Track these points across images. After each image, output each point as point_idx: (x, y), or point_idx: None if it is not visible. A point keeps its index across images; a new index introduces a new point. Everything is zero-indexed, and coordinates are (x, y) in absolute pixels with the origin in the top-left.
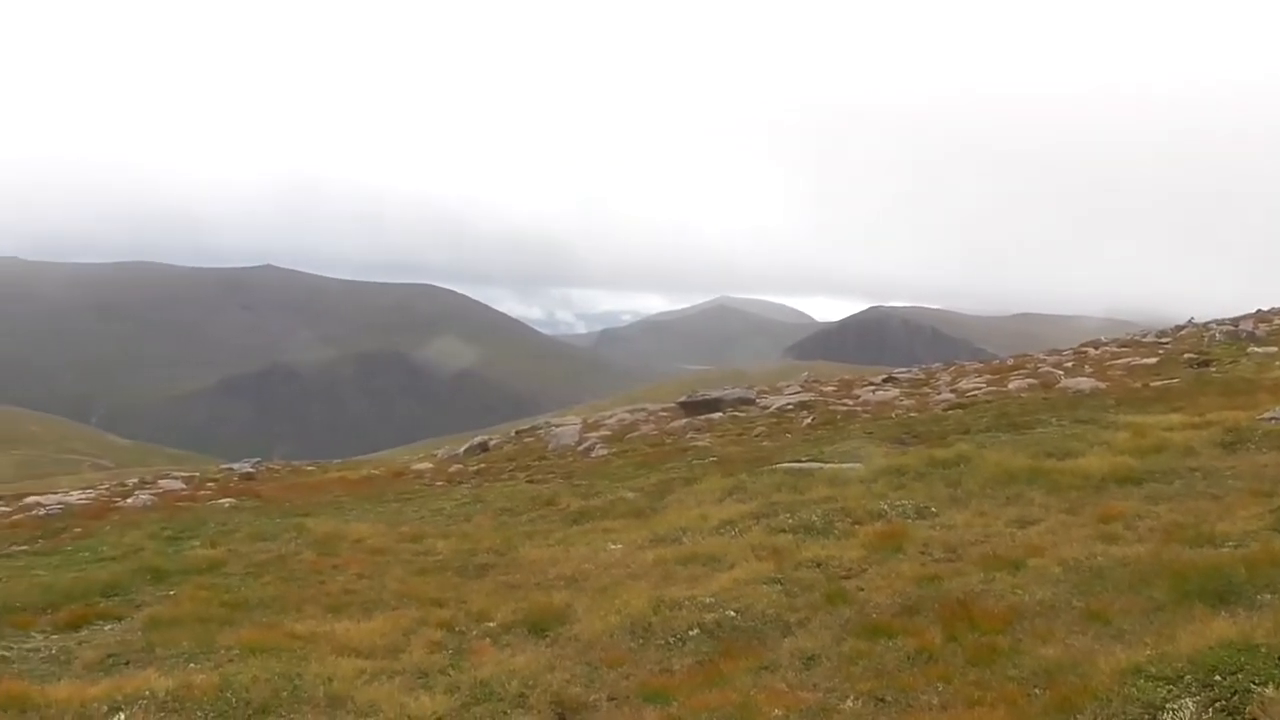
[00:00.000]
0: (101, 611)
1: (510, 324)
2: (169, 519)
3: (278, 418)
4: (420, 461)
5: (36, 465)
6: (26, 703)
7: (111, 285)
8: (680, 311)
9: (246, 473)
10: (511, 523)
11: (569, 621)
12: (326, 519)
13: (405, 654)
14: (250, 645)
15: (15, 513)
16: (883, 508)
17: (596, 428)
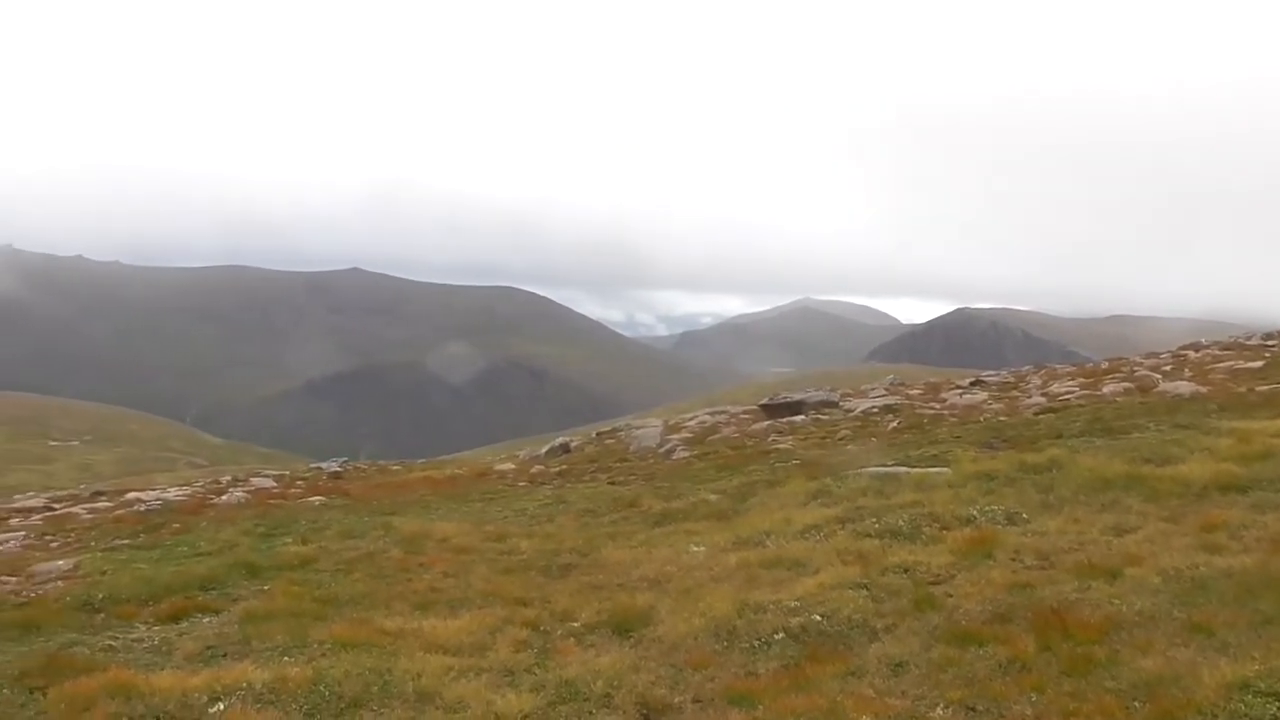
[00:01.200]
0: (200, 604)
1: (591, 326)
2: (262, 516)
3: (363, 418)
4: (502, 462)
5: (136, 462)
6: (132, 690)
7: (206, 289)
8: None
9: (334, 471)
10: (594, 524)
11: (652, 623)
12: (413, 518)
13: (491, 652)
14: (341, 640)
15: (118, 508)
16: (971, 513)
17: (677, 430)
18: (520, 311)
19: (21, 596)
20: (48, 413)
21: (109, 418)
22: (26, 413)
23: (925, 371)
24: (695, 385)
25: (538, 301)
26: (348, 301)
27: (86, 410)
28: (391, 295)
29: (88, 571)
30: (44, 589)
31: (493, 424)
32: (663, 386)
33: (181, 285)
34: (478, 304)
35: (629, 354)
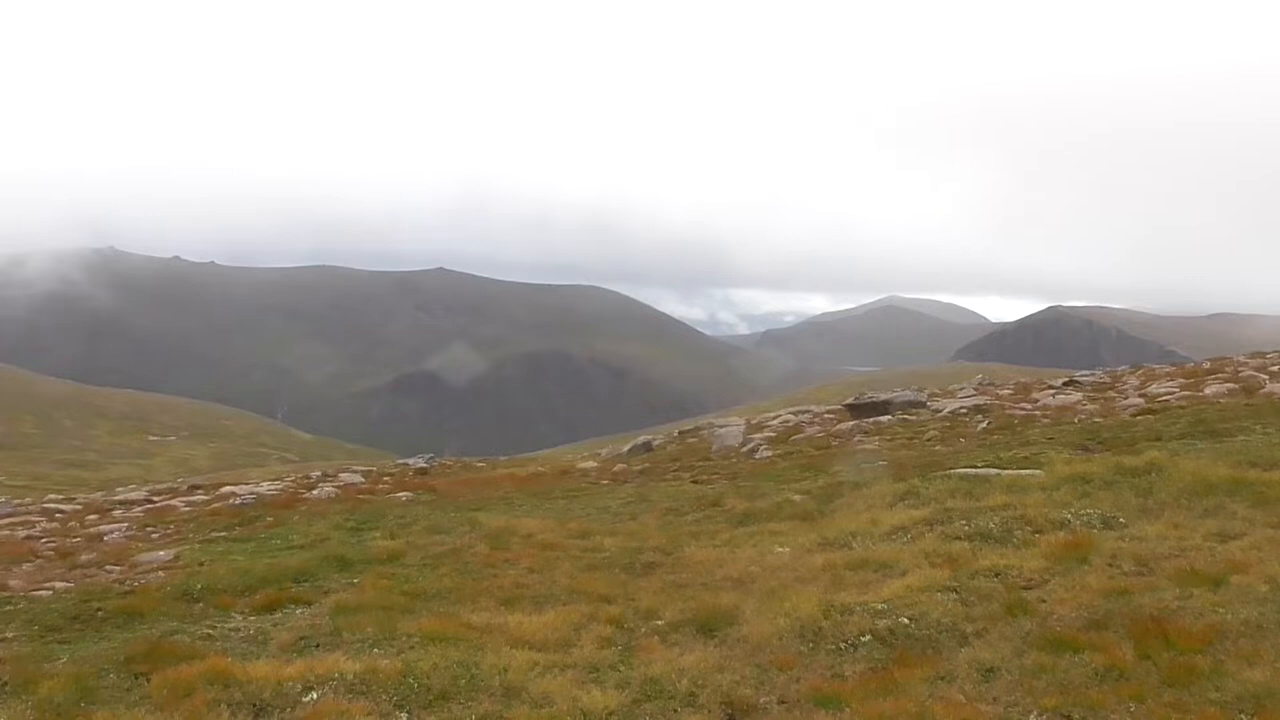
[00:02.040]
0: (293, 596)
1: (672, 324)
2: (351, 511)
3: (448, 414)
4: (585, 460)
5: (229, 457)
6: (230, 678)
7: (297, 288)
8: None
9: (421, 468)
10: (677, 522)
11: (737, 623)
12: (498, 514)
13: (576, 648)
14: (429, 634)
15: (213, 501)
16: (1066, 517)
17: (760, 429)
18: (603, 310)
19: (126, 585)
20: (147, 409)
21: (204, 414)
22: (128, 409)
23: (1015, 371)
24: (777, 384)
25: (620, 300)
26: (434, 300)
27: (183, 407)
28: (476, 294)
29: (187, 562)
30: (146, 578)
31: (575, 422)
32: (744, 385)
33: (274, 285)
34: (561, 303)
35: (711, 352)
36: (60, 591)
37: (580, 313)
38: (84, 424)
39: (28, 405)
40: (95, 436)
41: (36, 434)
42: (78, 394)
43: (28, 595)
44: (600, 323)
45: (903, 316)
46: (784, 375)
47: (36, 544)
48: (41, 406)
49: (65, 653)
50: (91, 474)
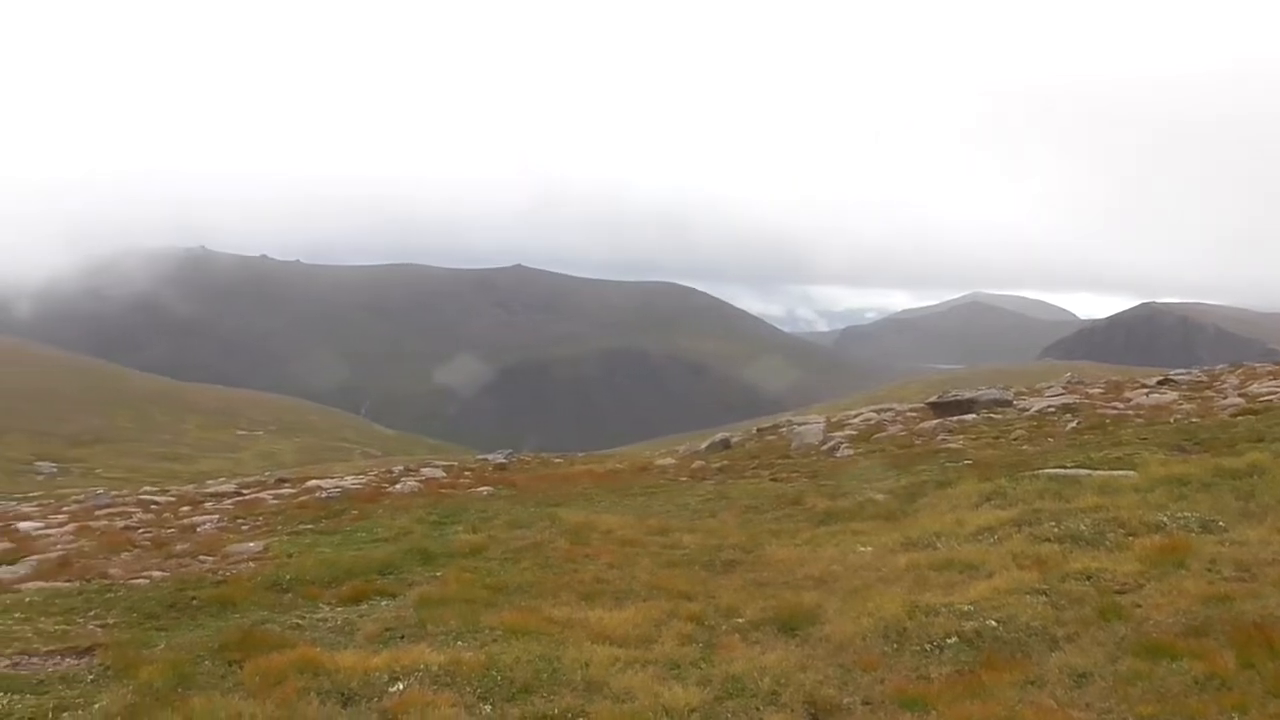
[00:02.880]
0: (378, 588)
1: (750, 321)
2: (434, 505)
3: (526, 411)
4: (663, 457)
5: (314, 451)
6: (319, 668)
7: (379, 286)
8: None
9: (500, 463)
10: (757, 520)
11: (819, 622)
12: (577, 509)
13: (657, 645)
14: (511, 627)
15: (300, 494)
16: (1161, 519)
17: (840, 427)
18: (680, 307)
19: (218, 575)
20: (236, 404)
21: (290, 409)
22: (217, 404)
23: (1106, 370)
24: (857, 382)
25: (697, 297)
26: (511, 297)
27: (270, 402)
28: (553, 291)
29: (276, 554)
30: (237, 569)
31: (651, 418)
32: (823, 383)
33: (356, 283)
34: (637, 299)
35: (788, 349)
36: (157, 580)
37: (658, 309)
38: (176, 419)
39: (124, 400)
40: (187, 431)
41: (131, 428)
42: (170, 389)
43: (127, 583)
44: (678, 319)
45: (987, 313)
46: (864, 373)
47: (134, 534)
48: (136, 401)
49: (163, 639)
50: (183, 467)
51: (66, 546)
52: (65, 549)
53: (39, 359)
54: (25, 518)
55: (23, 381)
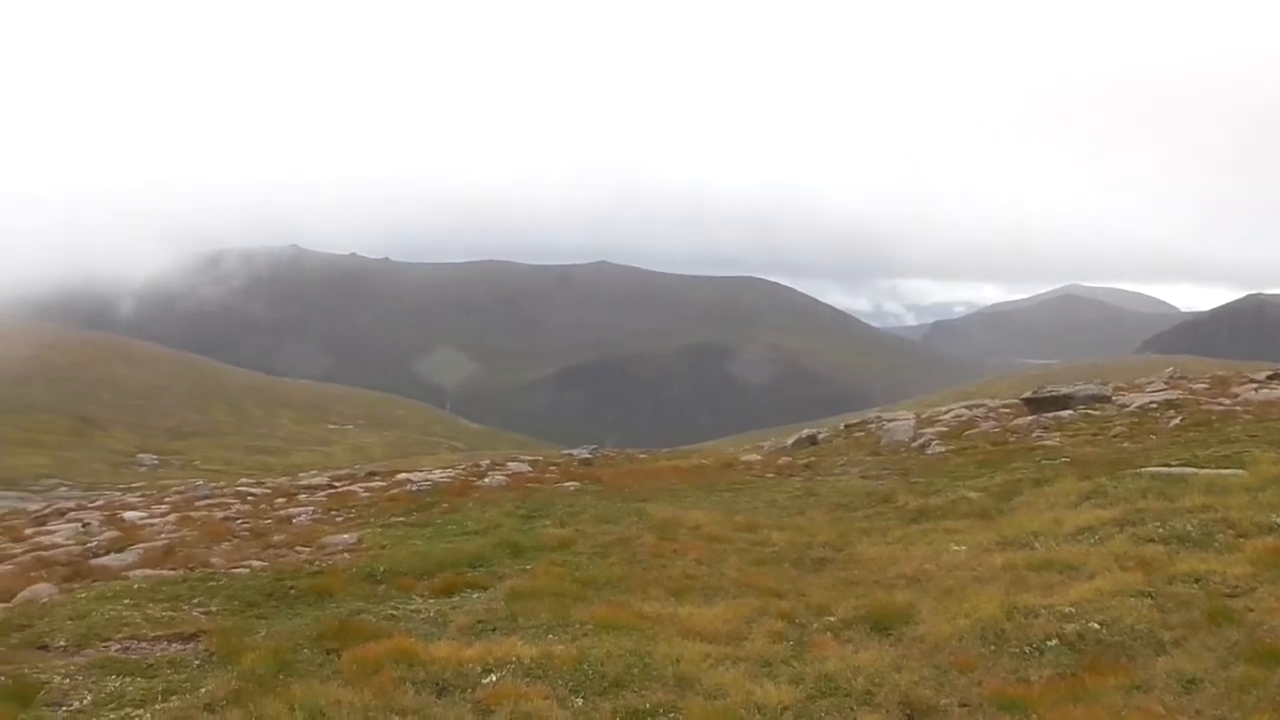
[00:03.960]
0: (469, 580)
1: (835, 316)
2: (522, 499)
3: (609, 406)
4: (747, 453)
5: (402, 445)
6: (414, 658)
7: (464, 283)
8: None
9: (584, 458)
10: (846, 518)
11: (913, 622)
12: (663, 505)
13: (747, 642)
14: (601, 622)
15: (390, 487)
16: (1274, 520)
17: (931, 423)
18: (764, 302)
19: (315, 566)
20: (327, 399)
21: (379, 404)
22: (310, 399)
23: (1210, 364)
24: (947, 377)
25: (781, 292)
26: (595, 293)
27: (360, 397)
28: (636, 287)
29: (369, 545)
30: (333, 559)
31: (736, 414)
32: (912, 378)
33: (443, 280)
34: (721, 294)
35: (876, 344)
36: (256, 570)
37: (741, 305)
38: (270, 413)
39: (221, 395)
40: (280, 424)
41: (228, 421)
42: (265, 384)
43: (228, 572)
44: (761, 315)
45: (1083, 306)
46: (954, 368)
47: (233, 524)
48: (233, 396)
49: (263, 627)
50: (277, 459)
51: (170, 536)
52: (169, 538)
53: (142, 355)
54: (130, 507)
55: (127, 377)
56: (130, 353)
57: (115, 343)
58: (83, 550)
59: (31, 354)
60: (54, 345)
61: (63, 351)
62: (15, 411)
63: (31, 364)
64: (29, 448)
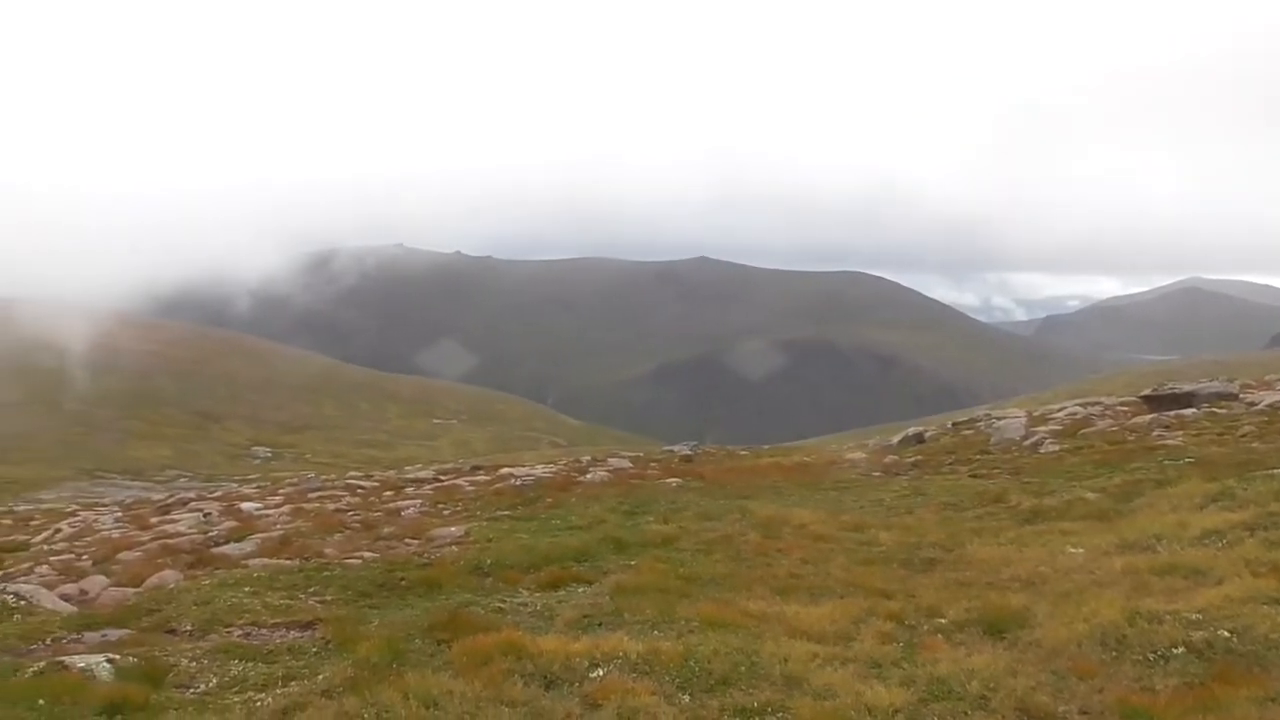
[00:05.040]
0: (574, 575)
1: (942, 311)
2: (624, 495)
3: (710, 403)
4: (852, 451)
5: (504, 440)
6: (522, 650)
7: (565, 279)
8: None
9: (685, 455)
10: (956, 518)
11: (1028, 625)
12: (767, 503)
13: (856, 642)
14: (707, 619)
15: (494, 481)
16: None
17: (1043, 421)
18: (867, 296)
19: (424, 558)
20: (432, 394)
21: (482, 399)
22: (415, 394)
23: None
24: (1059, 374)
25: (885, 286)
26: (695, 289)
27: (463, 392)
28: (737, 282)
29: (476, 538)
30: (441, 552)
31: (838, 411)
32: (1022, 375)
33: (544, 277)
34: (824, 289)
35: (984, 340)
36: (368, 560)
37: (844, 299)
38: (378, 407)
39: (331, 390)
40: (387, 419)
41: (337, 416)
42: (373, 380)
43: (341, 563)
44: (865, 309)
45: (1205, 300)
46: (1066, 365)
47: (344, 517)
48: (342, 391)
49: (376, 617)
50: (384, 453)
51: (285, 527)
52: (284, 529)
53: (256, 351)
54: (246, 499)
55: (242, 372)
56: (245, 349)
57: (232, 339)
58: (204, 539)
59: (155, 350)
60: (176, 342)
61: (183, 348)
62: (140, 405)
63: (155, 360)
64: (153, 440)
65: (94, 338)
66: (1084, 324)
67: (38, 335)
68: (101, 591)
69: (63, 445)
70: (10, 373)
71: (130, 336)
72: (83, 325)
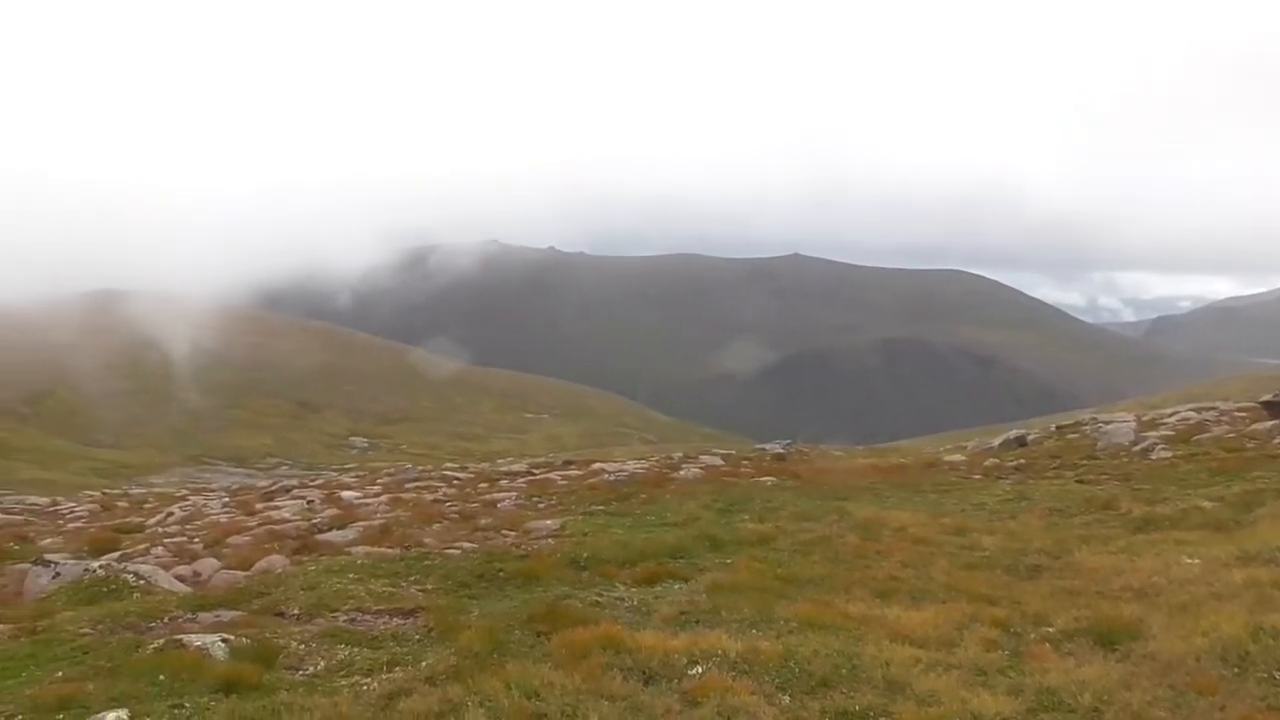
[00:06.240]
0: (670, 571)
1: (1045, 311)
2: (718, 493)
3: (801, 401)
4: (951, 453)
5: (594, 436)
6: (621, 645)
7: (657, 276)
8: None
9: (778, 453)
10: (1062, 524)
11: (1142, 638)
12: (865, 504)
13: (959, 648)
14: (806, 620)
15: (587, 476)
16: None
17: (1154, 426)
18: (966, 295)
19: (521, 550)
20: (525, 389)
21: (573, 395)
22: (508, 388)
23: None
24: (1169, 377)
25: (986, 285)
26: (788, 286)
27: (555, 387)
28: (831, 279)
29: (572, 532)
30: (537, 545)
31: (934, 412)
32: (1129, 378)
33: (636, 273)
34: (921, 287)
35: (1089, 341)
36: (467, 551)
37: (942, 298)
38: (472, 401)
39: (426, 383)
40: (481, 413)
41: (432, 408)
42: (467, 374)
43: (441, 552)
44: (964, 308)
45: None
46: (1177, 368)
47: (443, 507)
48: (437, 384)
49: (475, 607)
50: (477, 446)
51: (385, 515)
52: (385, 518)
53: (355, 344)
54: (346, 487)
55: (342, 364)
56: (345, 342)
57: (332, 332)
58: (308, 526)
59: (260, 342)
60: (279, 334)
61: (286, 340)
62: (245, 395)
63: (260, 351)
64: (255, 429)
65: (201, 330)
66: (1197, 326)
67: (149, 327)
68: (213, 574)
69: (171, 432)
70: (123, 363)
71: (236, 329)
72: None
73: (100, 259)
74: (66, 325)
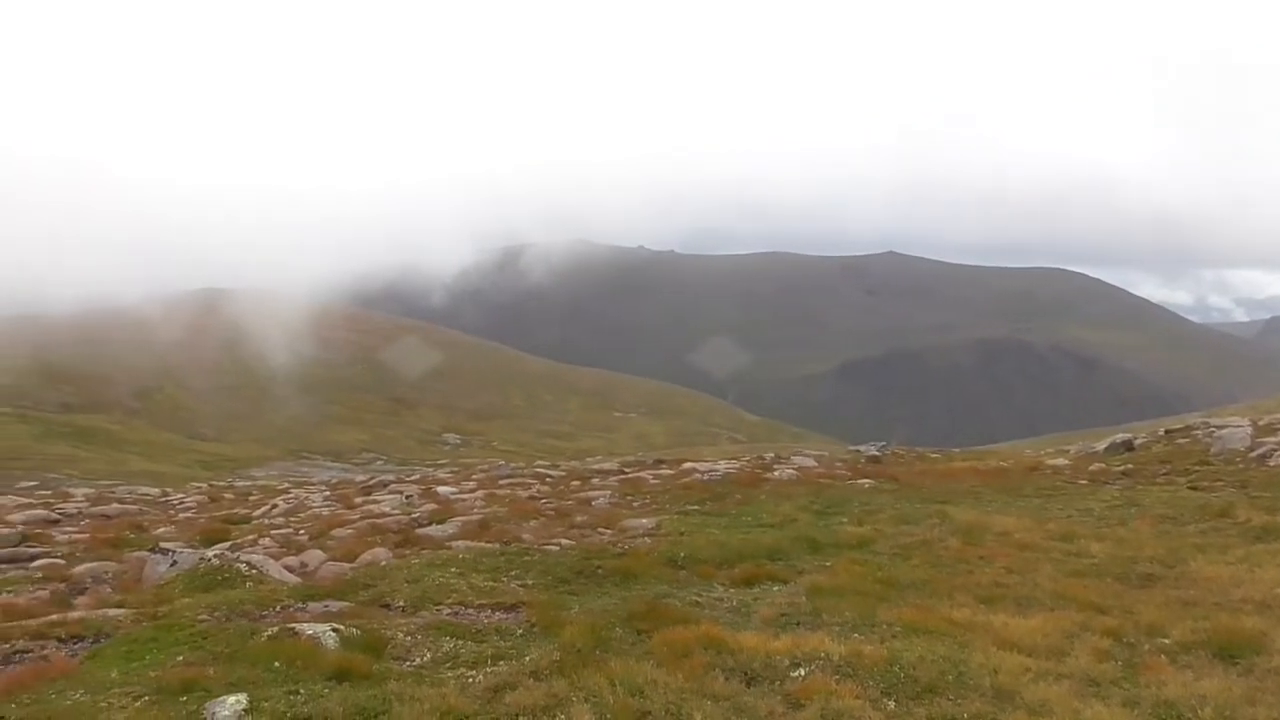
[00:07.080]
0: (769, 573)
1: (1150, 310)
2: (815, 494)
3: (895, 401)
4: (1053, 456)
5: (684, 435)
6: (722, 645)
7: (747, 275)
8: None
9: (873, 455)
10: (1175, 532)
11: (1265, 652)
12: (966, 508)
13: (1069, 658)
14: (909, 624)
15: (679, 476)
16: None
17: (1272, 431)
18: (1066, 293)
19: (618, 548)
20: (612, 387)
21: (661, 393)
22: (596, 387)
23: None
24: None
25: (1087, 283)
26: (882, 284)
27: (643, 386)
28: (926, 278)
29: (668, 531)
30: (634, 543)
31: (1034, 414)
32: (1241, 380)
33: (726, 272)
34: (1019, 286)
35: (1197, 342)
36: (565, 548)
37: (1041, 296)
38: (560, 399)
39: (516, 381)
40: (569, 411)
41: (522, 406)
42: (556, 372)
43: (539, 548)
44: (1064, 307)
45: None
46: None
47: (538, 504)
48: (527, 383)
49: (575, 603)
50: (565, 444)
51: (482, 511)
52: (482, 513)
53: (449, 342)
54: (442, 483)
55: (436, 362)
56: (438, 340)
57: (426, 330)
58: (409, 520)
59: (356, 339)
60: (374, 332)
61: (381, 338)
62: (342, 391)
63: (356, 349)
64: (352, 425)
65: (301, 328)
66: None
67: (251, 325)
68: (320, 565)
69: (272, 427)
70: (226, 359)
71: (334, 326)
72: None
73: (207, 259)
74: (174, 323)
